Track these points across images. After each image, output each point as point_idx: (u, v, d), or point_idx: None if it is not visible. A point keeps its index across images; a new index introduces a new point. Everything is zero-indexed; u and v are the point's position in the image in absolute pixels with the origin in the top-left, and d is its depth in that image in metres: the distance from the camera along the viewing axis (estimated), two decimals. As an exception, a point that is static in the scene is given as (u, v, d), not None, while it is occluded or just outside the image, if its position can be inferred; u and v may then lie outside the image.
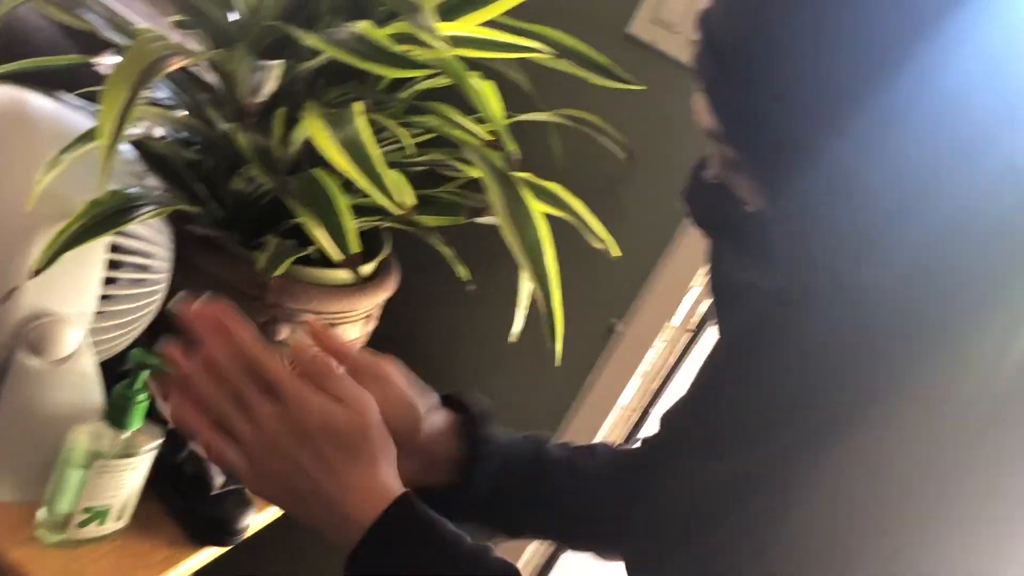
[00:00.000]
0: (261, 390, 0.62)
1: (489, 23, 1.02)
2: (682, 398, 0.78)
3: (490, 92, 0.85)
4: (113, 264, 0.88)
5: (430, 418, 0.75)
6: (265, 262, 0.86)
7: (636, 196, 1.29)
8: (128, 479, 0.86)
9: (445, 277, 1.14)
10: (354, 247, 0.79)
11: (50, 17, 0.98)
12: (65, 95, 0.95)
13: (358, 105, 0.82)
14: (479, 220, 1.07)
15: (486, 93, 0.84)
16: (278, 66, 0.78)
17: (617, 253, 1.04)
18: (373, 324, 1.10)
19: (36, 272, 0.77)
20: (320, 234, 0.80)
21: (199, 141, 1.00)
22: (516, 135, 1.29)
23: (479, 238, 1.15)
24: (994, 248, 0.50)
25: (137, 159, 0.96)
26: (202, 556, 0.94)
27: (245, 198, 0.97)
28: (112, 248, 0.87)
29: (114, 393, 0.83)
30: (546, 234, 0.87)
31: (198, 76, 1.10)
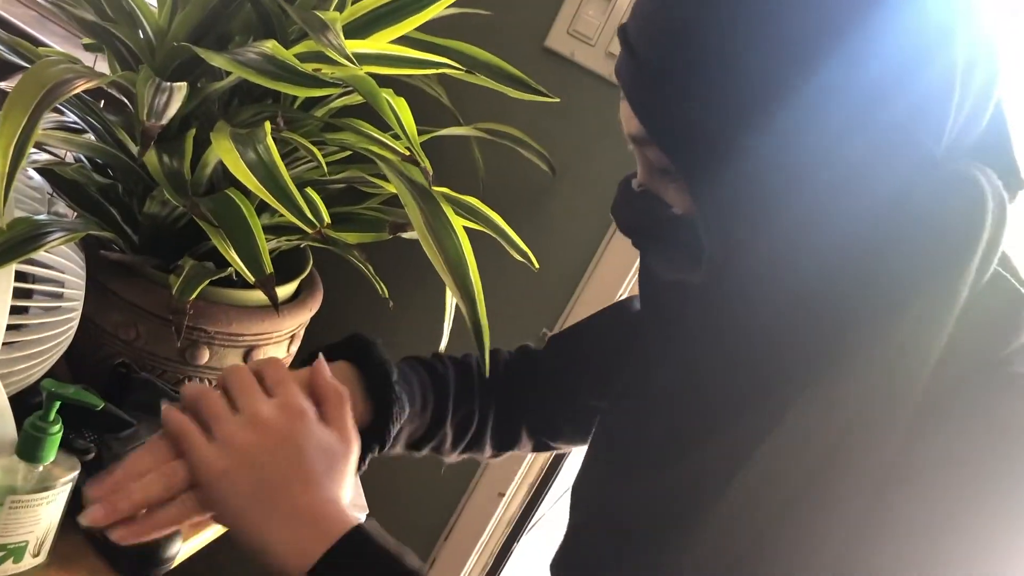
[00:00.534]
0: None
1: (403, 39, 1.02)
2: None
3: (403, 108, 0.85)
4: (22, 293, 0.86)
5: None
6: (180, 286, 0.85)
7: (563, 207, 1.30)
8: (45, 513, 0.84)
9: (370, 294, 1.14)
10: (268, 268, 0.78)
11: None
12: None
13: (268, 125, 0.81)
14: (403, 235, 1.07)
15: (399, 109, 0.84)
16: (182, 88, 0.78)
17: (537, 266, 1.05)
18: (297, 344, 1.09)
19: (-62, 304, 0.75)
20: (233, 256, 0.79)
21: (111, 165, 0.98)
22: (440, 150, 1.29)
23: (405, 254, 1.15)
24: (915, 239, 0.50)
25: (46, 185, 0.94)
26: (127, 589, 0.92)
27: (160, 221, 0.96)
28: (20, 277, 0.85)
29: (26, 426, 0.81)
30: (468, 248, 0.87)
31: (118, 99, 1.08)
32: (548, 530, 1.79)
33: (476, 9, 1.23)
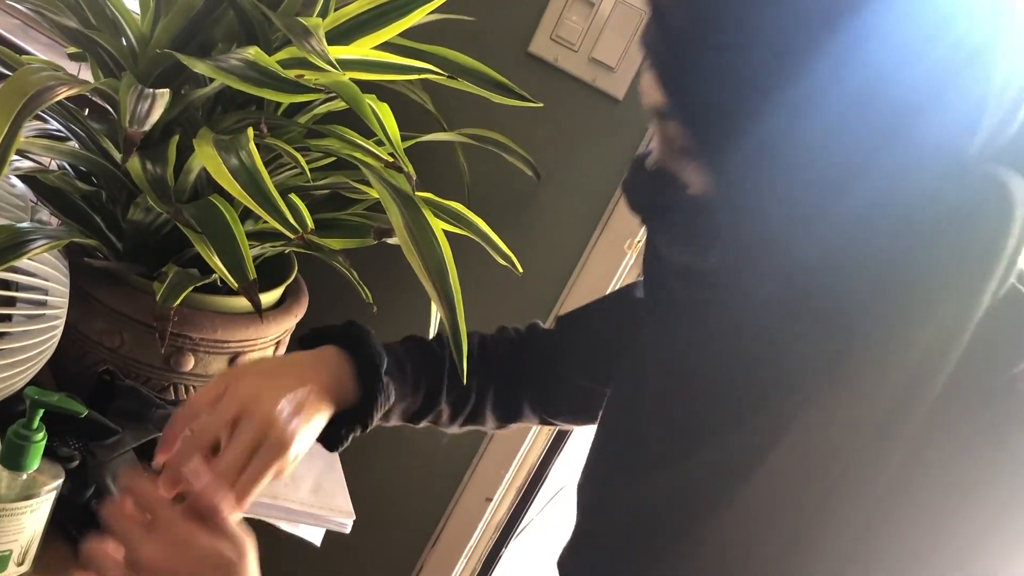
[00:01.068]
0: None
1: (387, 45, 1.02)
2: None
3: (386, 114, 0.85)
4: (6, 301, 0.85)
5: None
6: (163, 292, 0.85)
7: (548, 212, 1.30)
8: (29, 522, 0.84)
9: (356, 300, 1.14)
10: (251, 274, 0.78)
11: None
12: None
13: (251, 131, 0.82)
14: (388, 241, 1.07)
15: (382, 115, 0.85)
16: (164, 94, 0.78)
17: (521, 270, 1.05)
18: (282, 350, 1.09)
19: (-81, 313, 0.75)
20: (216, 262, 0.79)
21: (95, 172, 0.98)
22: (424, 155, 1.29)
23: (391, 259, 1.16)
24: (940, 240, 0.49)
25: (29, 193, 0.94)
26: (112, 597, 0.91)
27: (144, 228, 0.96)
28: (3, 285, 0.84)
29: (9, 434, 0.80)
30: (449, 253, 0.87)
31: (103, 107, 1.08)
32: (537, 534, 1.79)
33: (460, 15, 1.24)
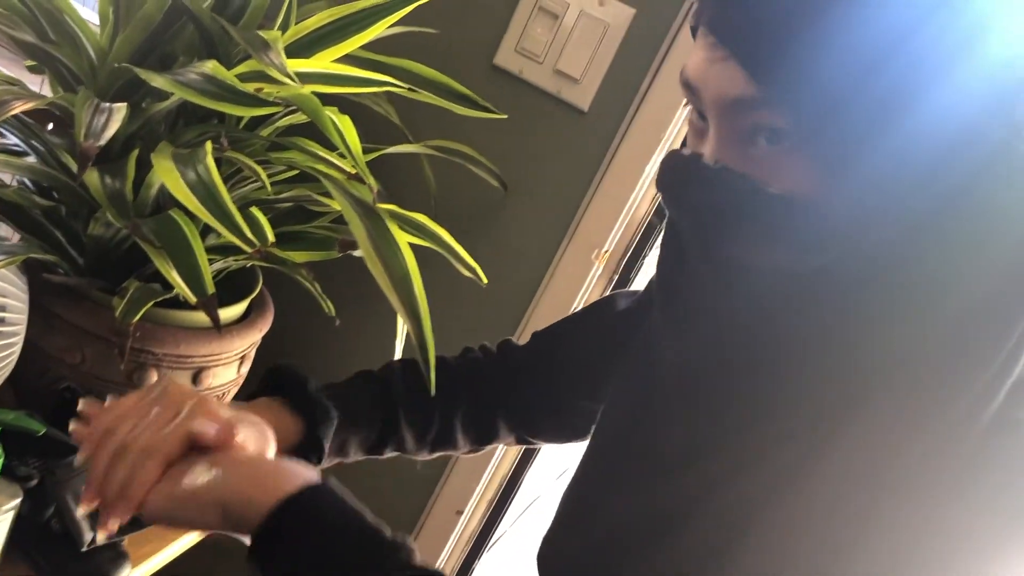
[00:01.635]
0: None
1: (350, 58, 1.02)
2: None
3: (347, 126, 0.85)
4: (-38, 318, 0.85)
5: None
6: (124, 308, 0.84)
7: (516, 223, 1.31)
8: (-13, 541, 0.83)
9: (324, 313, 1.13)
10: (209, 288, 0.78)
11: None
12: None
13: (209, 144, 0.81)
14: (353, 253, 1.07)
15: (343, 127, 0.85)
16: (121, 108, 0.77)
17: (485, 281, 1.05)
18: (248, 365, 1.09)
19: None
20: (175, 276, 0.79)
21: (54, 187, 0.98)
22: (391, 168, 1.29)
23: (359, 272, 1.15)
24: (939, 189, 0.48)
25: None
26: (74, 616, 0.90)
27: (106, 243, 0.95)
28: (-41, 302, 0.84)
29: (-35, 452, 0.80)
30: (414, 265, 0.87)
31: (64, 121, 1.08)
32: (512, 546, 1.79)
33: (425, 28, 1.24)
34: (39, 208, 0.97)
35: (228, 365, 1.04)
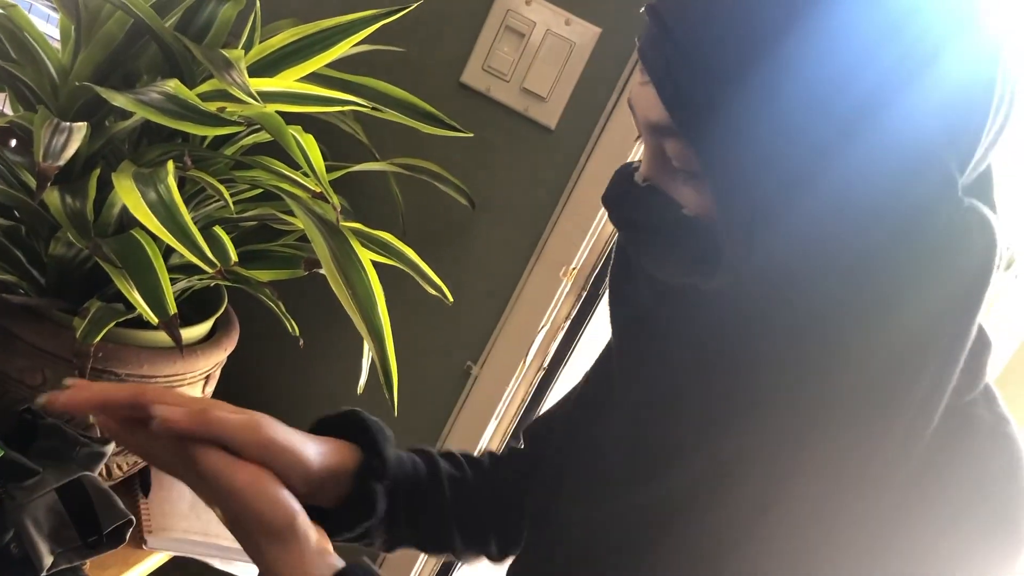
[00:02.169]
0: None
1: (316, 77, 1.02)
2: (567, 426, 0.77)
3: (311, 144, 0.85)
4: (-82, 340, 0.83)
5: (319, 449, 0.68)
6: (84, 328, 0.84)
7: (483, 240, 1.31)
8: (-58, 567, 0.81)
9: (288, 333, 1.13)
10: (171, 309, 0.77)
11: None
12: None
13: (171, 164, 0.81)
14: (319, 271, 1.06)
15: (306, 145, 0.84)
16: (81, 128, 0.77)
17: (451, 299, 1.05)
18: (213, 385, 1.08)
19: None
20: (136, 296, 0.78)
21: (15, 207, 0.97)
22: (359, 186, 1.29)
23: (324, 291, 1.15)
24: (929, 273, 0.48)
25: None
26: (32, 642, 0.89)
27: (67, 263, 0.94)
28: (-85, 323, 0.82)
29: (-79, 477, 0.78)
30: (377, 283, 0.87)
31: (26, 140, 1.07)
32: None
33: (391, 46, 1.24)
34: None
35: (193, 385, 1.03)
